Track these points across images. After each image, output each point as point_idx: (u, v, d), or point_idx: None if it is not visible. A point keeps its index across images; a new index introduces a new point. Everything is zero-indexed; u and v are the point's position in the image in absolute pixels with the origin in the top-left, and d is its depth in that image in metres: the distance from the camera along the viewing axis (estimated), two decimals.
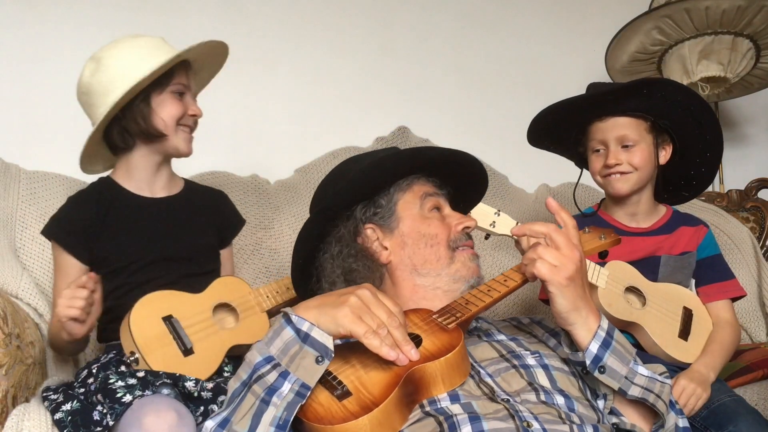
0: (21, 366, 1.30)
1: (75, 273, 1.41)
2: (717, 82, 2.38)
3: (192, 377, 1.28)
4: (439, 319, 1.05)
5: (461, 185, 1.29)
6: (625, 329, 1.50)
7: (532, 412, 0.96)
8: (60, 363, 1.53)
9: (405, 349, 0.94)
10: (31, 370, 1.35)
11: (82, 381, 1.34)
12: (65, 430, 1.19)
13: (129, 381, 1.24)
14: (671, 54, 2.35)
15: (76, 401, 1.24)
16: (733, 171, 2.67)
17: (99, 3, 2.17)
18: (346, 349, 0.99)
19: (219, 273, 1.54)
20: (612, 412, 1.08)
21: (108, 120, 1.42)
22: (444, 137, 2.21)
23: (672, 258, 1.58)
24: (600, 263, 1.46)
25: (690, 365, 1.50)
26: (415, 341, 0.99)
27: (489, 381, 1.02)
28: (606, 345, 1.03)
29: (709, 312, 1.58)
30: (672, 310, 1.52)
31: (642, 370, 1.06)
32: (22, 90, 2.07)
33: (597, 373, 1.03)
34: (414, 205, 1.19)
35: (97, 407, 1.22)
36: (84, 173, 1.55)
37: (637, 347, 1.50)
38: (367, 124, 2.24)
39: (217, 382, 1.31)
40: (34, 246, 1.67)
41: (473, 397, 0.98)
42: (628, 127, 1.54)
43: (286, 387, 0.90)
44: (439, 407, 0.96)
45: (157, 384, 1.25)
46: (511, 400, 0.98)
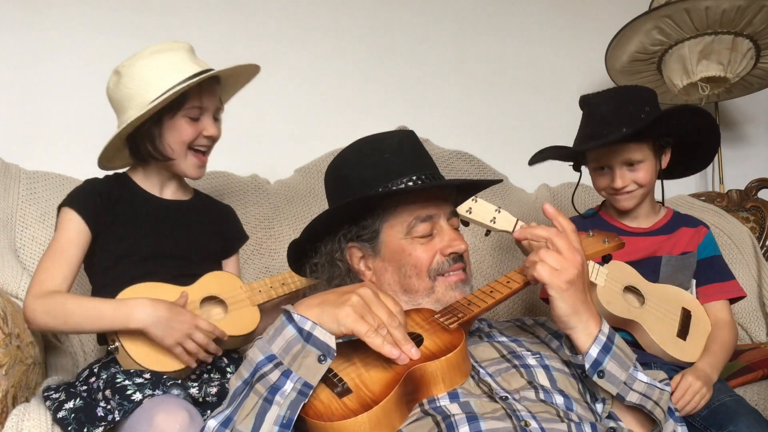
0: (21, 366, 1.30)
1: (77, 238, 1.38)
2: (717, 82, 2.37)
3: (195, 384, 1.29)
4: (441, 319, 1.05)
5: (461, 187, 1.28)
6: (624, 327, 1.50)
7: (530, 410, 0.96)
8: (60, 363, 1.53)
9: (405, 348, 0.94)
10: (31, 370, 1.35)
11: (84, 380, 1.34)
12: (69, 427, 1.20)
13: (137, 380, 1.25)
14: (671, 54, 2.35)
15: (78, 399, 1.25)
16: (733, 171, 2.67)
17: (99, 3, 2.17)
18: (347, 347, 0.99)
19: None
20: (610, 416, 1.08)
21: (122, 137, 1.42)
22: (444, 137, 2.21)
23: (673, 258, 1.58)
24: (600, 263, 1.46)
25: (689, 364, 1.50)
26: (417, 340, 0.99)
27: (488, 380, 1.02)
28: (606, 350, 1.03)
29: (708, 312, 1.58)
30: (671, 310, 1.53)
31: (641, 376, 1.06)
32: (22, 90, 2.06)
33: (596, 378, 1.03)
34: (399, 232, 1.15)
35: (101, 403, 1.22)
36: (101, 169, 1.54)
37: (635, 346, 1.51)
38: (367, 124, 2.21)
39: (220, 385, 1.31)
40: (34, 246, 1.67)
41: (472, 396, 0.98)
42: (632, 151, 1.53)
43: (288, 386, 0.91)
44: (438, 406, 0.96)
45: (168, 384, 1.25)
46: (510, 398, 0.99)
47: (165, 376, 1.30)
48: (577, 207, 1.76)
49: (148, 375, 1.28)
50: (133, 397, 1.20)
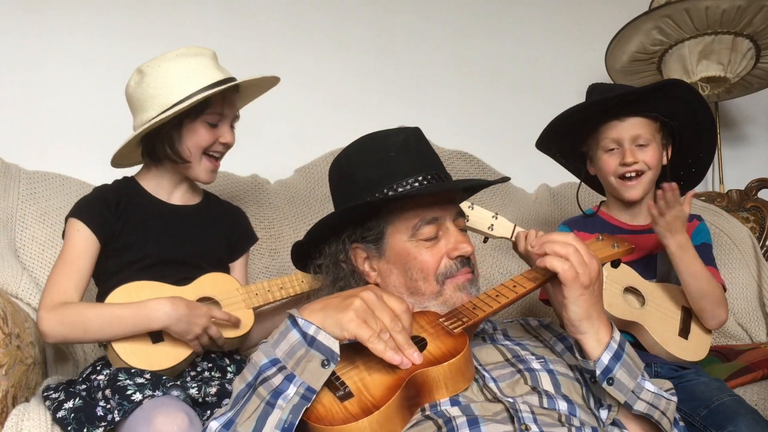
0: (21, 366, 1.30)
1: (86, 248, 1.39)
2: (717, 82, 2.38)
3: (194, 384, 1.29)
4: (446, 323, 1.04)
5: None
6: (625, 329, 1.50)
7: (532, 411, 0.96)
8: (60, 363, 1.54)
9: (407, 353, 0.93)
10: (31, 370, 1.35)
11: (85, 377, 1.35)
12: (69, 427, 1.20)
13: (137, 380, 1.25)
14: (671, 54, 2.35)
15: (78, 399, 1.25)
16: (733, 171, 2.67)
17: (99, 4, 2.17)
18: (351, 350, 0.99)
19: None
20: (615, 423, 1.08)
21: (140, 137, 1.43)
22: (444, 137, 2.21)
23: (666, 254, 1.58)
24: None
25: (691, 363, 1.50)
26: (420, 344, 0.99)
27: (492, 386, 1.02)
28: (617, 357, 1.03)
29: None
30: (671, 309, 1.53)
31: (649, 385, 1.06)
32: (22, 90, 2.06)
33: (605, 385, 1.02)
34: (404, 233, 1.14)
35: (101, 403, 1.22)
36: (114, 167, 1.54)
37: (638, 347, 1.51)
38: (367, 124, 2.21)
39: (220, 385, 1.31)
40: (34, 246, 1.67)
41: (473, 400, 0.98)
42: (642, 127, 1.55)
43: (291, 390, 0.90)
44: (439, 410, 0.96)
45: (168, 385, 1.26)
46: (513, 400, 0.98)
47: (164, 377, 1.30)
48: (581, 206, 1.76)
49: (148, 375, 1.28)
50: (133, 398, 1.20)
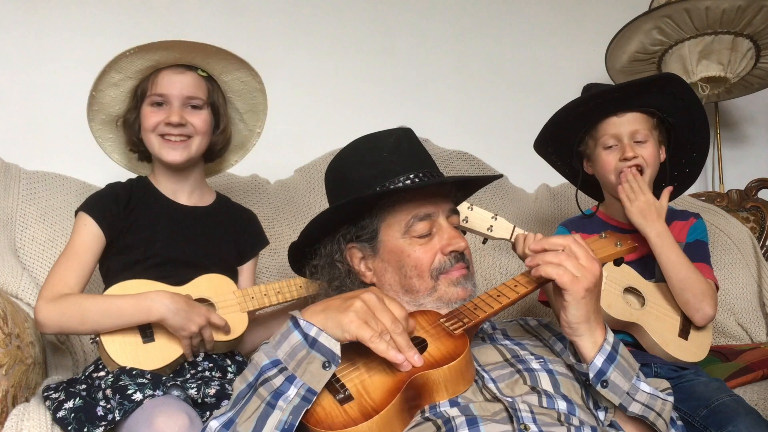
0: (21, 366, 1.30)
1: (91, 242, 1.40)
2: (717, 82, 2.38)
3: (194, 385, 1.29)
4: (446, 324, 1.04)
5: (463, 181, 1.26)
6: (625, 329, 1.50)
7: (532, 411, 0.96)
8: (60, 363, 1.53)
9: (408, 355, 0.93)
10: (31, 370, 1.35)
11: (87, 375, 1.35)
12: (69, 427, 1.20)
13: (138, 380, 1.25)
14: (671, 54, 2.35)
15: (78, 398, 1.25)
16: (733, 171, 2.67)
17: (99, 4, 2.17)
18: (352, 352, 0.98)
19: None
20: (612, 425, 1.07)
21: (91, 118, 1.51)
22: (444, 137, 2.21)
23: None
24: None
25: (691, 364, 1.50)
26: (421, 346, 0.99)
27: (492, 386, 1.02)
28: (611, 359, 1.02)
29: None
30: (671, 310, 1.52)
31: (644, 386, 1.06)
32: (22, 90, 2.06)
33: (599, 387, 1.02)
34: (397, 230, 1.14)
35: (101, 403, 1.22)
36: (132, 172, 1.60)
37: (637, 347, 1.51)
38: (367, 124, 2.21)
39: (220, 386, 1.31)
40: (34, 246, 1.67)
41: (472, 401, 0.98)
42: (640, 122, 1.56)
43: (292, 391, 0.91)
44: (438, 411, 0.96)
45: (168, 385, 1.26)
46: (512, 400, 0.98)
47: (164, 376, 1.30)
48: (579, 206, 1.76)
49: (149, 375, 1.28)
50: (134, 397, 1.20)
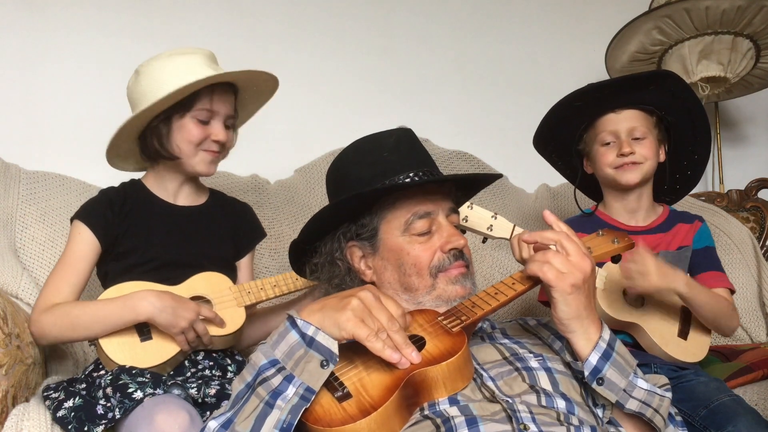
0: (21, 366, 1.30)
1: (86, 251, 1.40)
2: (717, 82, 2.38)
3: (194, 384, 1.29)
4: (444, 322, 1.04)
5: (463, 182, 1.27)
6: (624, 329, 1.50)
7: (531, 411, 0.96)
8: (60, 363, 1.53)
9: (406, 352, 0.94)
10: (31, 370, 1.35)
11: (88, 374, 1.36)
12: (69, 426, 1.20)
13: (139, 378, 1.25)
14: (671, 54, 2.35)
15: (78, 398, 1.25)
16: (733, 171, 2.67)
17: (100, 4, 2.17)
18: (349, 350, 0.99)
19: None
20: (611, 422, 1.07)
21: (129, 131, 1.43)
22: (444, 137, 2.21)
23: (669, 254, 1.58)
24: (599, 264, 1.46)
25: (690, 364, 1.50)
26: (419, 343, 0.99)
27: (490, 384, 1.02)
28: (606, 356, 1.02)
29: None
30: (670, 310, 1.52)
31: (641, 383, 1.05)
32: (22, 90, 2.06)
33: (595, 385, 1.02)
34: (397, 228, 1.15)
35: (101, 401, 1.23)
36: (114, 168, 1.55)
37: (636, 347, 1.50)
38: (367, 124, 2.21)
39: (220, 386, 1.32)
40: (34, 246, 1.67)
41: (472, 400, 0.98)
42: (638, 120, 1.56)
43: (290, 391, 0.91)
44: (437, 410, 0.96)
45: (169, 383, 1.26)
46: (511, 400, 0.98)
47: (164, 375, 1.30)
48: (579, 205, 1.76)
49: (149, 374, 1.28)
50: (134, 395, 1.20)
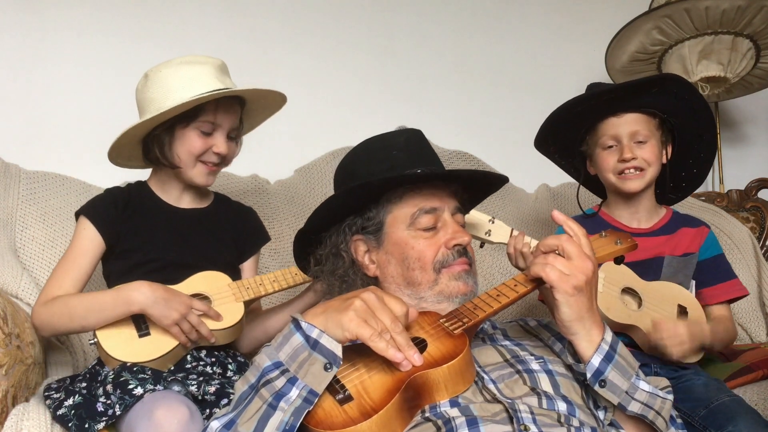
0: (21, 366, 1.30)
1: (90, 247, 1.41)
2: (717, 82, 2.38)
3: (194, 382, 1.29)
4: (446, 324, 1.04)
5: (471, 183, 1.27)
6: (623, 331, 1.50)
7: (532, 412, 0.96)
8: (60, 363, 1.53)
9: (408, 354, 0.94)
10: (31, 370, 1.35)
11: (89, 370, 1.37)
12: (70, 424, 1.20)
13: (140, 375, 1.26)
14: (671, 54, 2.35)
15: (77, 396, 1.26)
16: (733, 171, 2.67)
17: (99, 5, 2.17)
18: (352, 352, 0.99)
19: None
20: (612, 424, 1.07)
21: (131, 137, 1.44)
22: (444, 137, 2.21)
23: (675, 259, 1.58)
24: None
25: (689, 363, 1.50)
26: (421, 346, 0.99)
27: (492, 387, 1.02)
28: (609, 359, 1.02)
29: (712, 311, 1.58)
30: (667, 309, 1.52)
31: (643, 385, 1.05)
32: (22, 90, 2.07)
33: (597, 387, 1.02)
34: (403, 222, 1.16)
35: (101, 398, 1.23)
36: (117, 166, 1.55)
37: (634, 347, 1.50)
38: (367, 124, 2.22)
39: (220, 384, 1.32)
40: (34, 246, 1.68)
41: (472, 401, 0.98)
42: (640, 123, 1.55)
43: (294, 393, 0.91)
44: (438, 411, 0.96)
45: (169, 380, 1.27)
46: (512, 401, 0.98)
47: (165, 371, 1.30)
48: (581, 206, 1.76)
49: (150, 371, 1.29)
50: (135, 391, 1.21)
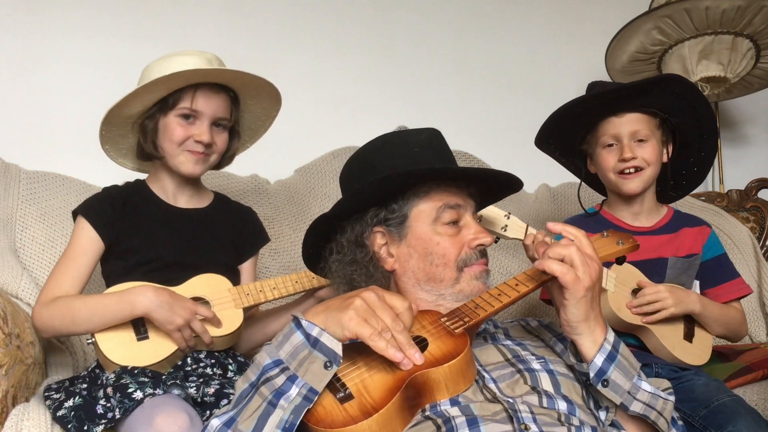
0: (21, 366, 1.30)
1: (88, 246, 1.41)
2: (717, 82, 2.38)
3: (194, 384, 1.29)
4: (447, 323, 1.04)
5: (490, 186, 1.26)
6: (632, 332, 1.50)
7: (532, 412, 0.96)
8: (60, 363, 1.53)
9: (409, 353, 0.93)
10: (31, 370, 1.35)
11: (90, 371, 1.36)
12: (69, 425, 1.20)
13: (140, 378, 1.26)
14: (671, 54, 2.35)
15: (78, 397, 1.25)
16: (733, 171, 2.67)
17: (99, 5, 2.17)
18: (353, 350, 0.98)
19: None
20: (613, 424, 1.07)
21: (116, 127, 1.45)
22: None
23: (679, 260, 1.58)
24: (607, 264, 1.45)
25: (694, 366, 1.50)
26: (422, 345, 0.99)
27: (492, 386, 1.02)
28: (611, 358, 1.03)
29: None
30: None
31: (645, 386, 1.06)
32: (22, 90, 2.06)
33: (600, 387, 1.02)
34: (428, 217, 1.14)
35: (101, 401, 1.23)
36: (112, 160, 1.56)
37: (643, 349, 1.50)
38: (367, 124, 2.22)
39: (219, 385, 1.31)
40: (34, 246, 1.67)
41: (473, 401, 0.98)
42: (641, 122, 1.55)
43: (294, 391, 0.91)
44: (438, 410, 0.96)
45: (168, 383, 1.26)
46: (512, 400, 0.98)
47: (164, 375, 1.30)
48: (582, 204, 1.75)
49: (150, 373, 1.29)
50: (134, 396, 1.20)
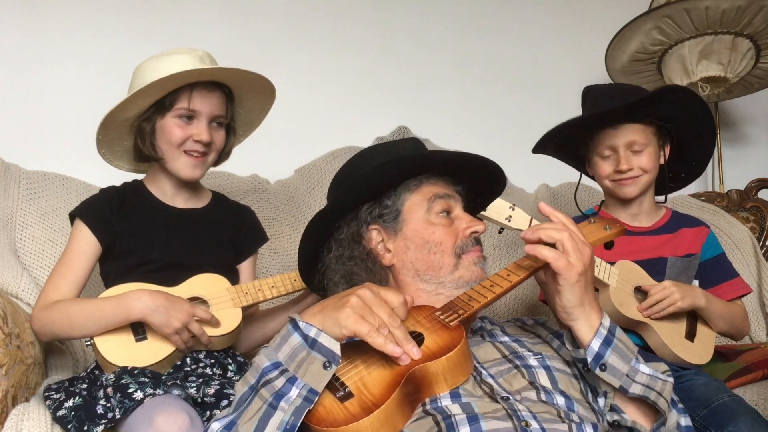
0: (21, 366, 1.30)
1: (86, 249, 1.40)
2: (717, 82, 2.38)
3: (194, 384, 1.29)
4: (442, 317, 1.04)
5: (476, 182, 1.27)
6: (634, 329, 1.50)
7: (531, 410, 0.96)
8: (60, 363, 1.53)
9: (406, 348, 0.94)
10: (31, 370, 1.35)
11: (90, 371, 1.36)
12: (69, 425, 1.20)
13: (140, 378, 1.25)
14: (671, 54, 2.35)
15: (78, 397, 1.25)
16: (733, 171, 2.67)
17: (99, 5, 2.17)
18: (350, 349, 0.99)
19: None
20: (613, 408, 1.08)
21: (112, 130, 1.44)
22: (444, 137, 2.21)
23: (678, 260, 1.58)
24: (611, 262, 1.46)
25: (697, 366, 1.50)
26: (418, 339, 0.99)
27: (490, 381, 1.03)
28: (608, 342, 1.04)
29: None
30: (678, 312, 1.52)
31: (643, 368, 1.06)
32: (22, 90, 2.07)
33: (598, 371, 1.03)
34: (421, 208, 1.17)
35: (101, 401, 1.23)
36: (108, 163, 1.56)
37: (646, 349, 1.50)
38: (367, 124, 2.24)
39: (219, 385, 1.32)
40: (34, 246, 1.67)
41: (473, 397, 0.98)
42: (637, 133, 1.55)
43: (294, 392, 0.91)
44: (439, 406, 0.96)
45: (169, 384, 1.26)
46: (511, 398, 0.99)
47: (164, 375, 1.30)
48: (579, 206, 1.76)
49: (150, 374, 1.28)
50: (135, 396, 1.20)
